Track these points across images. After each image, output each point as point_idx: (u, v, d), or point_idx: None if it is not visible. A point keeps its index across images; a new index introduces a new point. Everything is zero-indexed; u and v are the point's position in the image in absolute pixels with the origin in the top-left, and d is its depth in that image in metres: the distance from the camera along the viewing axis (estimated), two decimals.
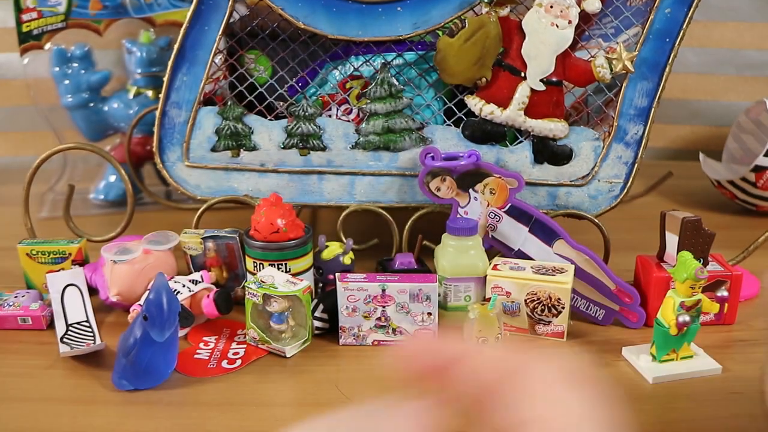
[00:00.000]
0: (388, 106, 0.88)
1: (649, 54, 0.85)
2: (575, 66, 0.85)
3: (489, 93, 0.87)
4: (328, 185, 0.92)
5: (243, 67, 0.92)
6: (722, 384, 0.70)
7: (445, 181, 0.86)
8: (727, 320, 0.81)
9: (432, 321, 0.76)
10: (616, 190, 0.91)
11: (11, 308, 0.81)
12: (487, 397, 0.36)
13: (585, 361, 0.38)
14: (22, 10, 1.08)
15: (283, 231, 0.80)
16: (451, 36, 0.84)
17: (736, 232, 1.03)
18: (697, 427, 0.64)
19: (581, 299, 0.82)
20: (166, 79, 0.88)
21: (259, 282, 0.76)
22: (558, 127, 0.87)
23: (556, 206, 0.91)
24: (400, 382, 0.39)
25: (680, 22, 0.83)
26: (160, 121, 0.90)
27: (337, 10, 0.84)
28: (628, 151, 0.89)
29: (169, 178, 0.92)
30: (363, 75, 0.92)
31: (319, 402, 0.67)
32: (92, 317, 0.81)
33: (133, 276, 0.80)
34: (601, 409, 0.35)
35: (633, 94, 0.87)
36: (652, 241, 0.84)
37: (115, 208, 1.20)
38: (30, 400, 0.68)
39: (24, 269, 0.87)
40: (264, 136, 0.90)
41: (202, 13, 0.85)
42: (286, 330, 0.76)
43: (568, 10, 0.82)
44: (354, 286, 0.75)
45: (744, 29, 1.49)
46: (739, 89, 1.52)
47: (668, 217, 0.81)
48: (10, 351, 0.76)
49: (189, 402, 0.67)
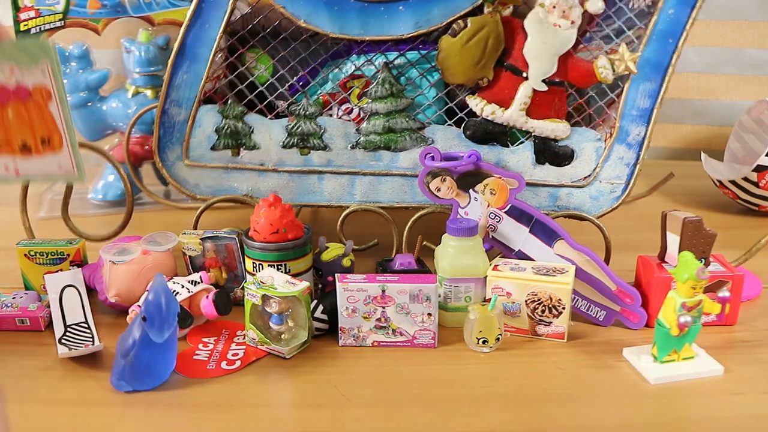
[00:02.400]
0: (389, 106, 0.87)
1: (651, 55, 0.84)
2: (577, 66, 0.85)
3: (491, 93, 0.87)
4: (328, 185, 0.91)
5: (244, 66, 0.92)
6: (724, 385, 0.70)
7: (445, 181, 0.85)
8: (729, 321, 0.81)
9: (432, 322, 0.76)
10: (617, 191, 0.90)
11: (9, 309, 0.80)
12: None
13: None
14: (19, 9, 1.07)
15: (282, 232, 0.79)
16: (453, 36, 0.84)
17: (738, 232, 1.03)
18: (698, 428, 0.64)
19: (582, 300, 0.81)
20: (166, 77, 0.87)
21: (258, 283, 0.75)
22: (560, 128, 0.87)
23: (558, 207, 0.91)
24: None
25: (683, 22, 0.83)
26: (160, 120, 0.90)
27: (338, 9, 0.84)
28: (629, 152, 0.89)
29: (169, 178, 0.92)
30: (364, 74, 0.92)
31: (318, 403, 0.67)
32: (91, 318, 0.81)
33: (132, 277, 0.80)
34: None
35: (635, 95, 0.86)
36: (653, 241, 0.84)
37: (114, 208, 1.20)
38: (28, 401, 0.67)
39: (22, 270, 0.87)
40: (264, 135, 0.90)
41: (203, 10, 0.85)
42: (285, 331, 0.76)
43: (571, 11, 0.81)
44: (354, 287, 0.75)
45: (746, 28, 1.48)
46: (740, 88, 1.51)
47: (669, 218, 0.81)
48: (8, 352, 0.76)
49: (188, 403, 0.67)
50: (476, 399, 0.67)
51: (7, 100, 0.67)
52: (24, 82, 0.66)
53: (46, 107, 0.68)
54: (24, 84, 0.66)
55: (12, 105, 0.67)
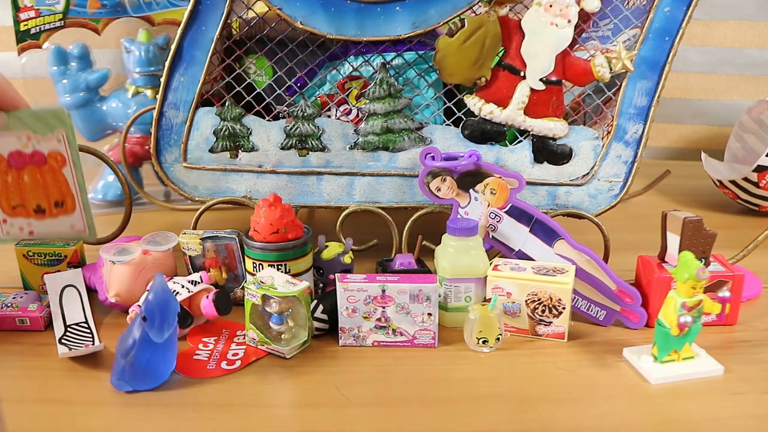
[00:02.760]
0: (387, 106, 0.87)
1: (648, 53, 0.84)
2: (575, 65, 0.85)
3: (488, 92, 0.87)
4: (327, 186, 0.91)
5: (241, 68, 0.92)
6: (724, 385, 0.70)
7: (445, 181, 0.85)
8: (729, 321, 0.81)
9: (432, 322, 0.76)
10: (615, 189, 0.90)
11: (9, 309, 0.80)
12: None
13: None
14: (19, 9, 1.07)
15: (282, 231, 0.79)
16: (450, 36, 0.84)
17: (738, 232, 1.02)
18: (698, 428, 0.63)
19: (582, 300, 0.81)
20: (164, 80, 0.87)
21: (258, 283, 0.75)
22: (558, 127, 0.87)
23: (556, 206, 0.91)
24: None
25: (680, 20, 0.83)
26: (158, 122, 0.90)
27: (335, 10, 0.84)
28: (627, 150, 0.89)
29: (167, 180, 0.92)
30: (362, 75, 0.92)
31: (318, 403, 0.67)
32: (91, 318, 0.81)
33: (132, 277, 0.80)
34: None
35: (632, 93, 0.86)
36: (653, 241, 0.84)
37: (114, 208, 1.20)
38: (28, 401, 0.67)
39: (21, 270, 0.87)
40: (263, 137, 0.90)
41: (200, 13, 0.85)
42: (285, 331, 0.76)
43: (568, 9, 0.81)
44: (354, 287, 0.75)
45: (746, 28, 1.48)
46: (741, 88, 1.51)
47: (669, 217, 0.81)
48: (8, 352, 0.76)
49: (188, 403, 0.67)
50: (476, 399, 0.67)
51: (23, 165, 0.71)
52: (40, 149, 0.70)
53: (60, 172, 0.71)
54: (40, 150, 0.70)
55: (28, 170, 0.71)
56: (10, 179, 0.70)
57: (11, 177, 0.71)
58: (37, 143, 0.69)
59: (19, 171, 0.71)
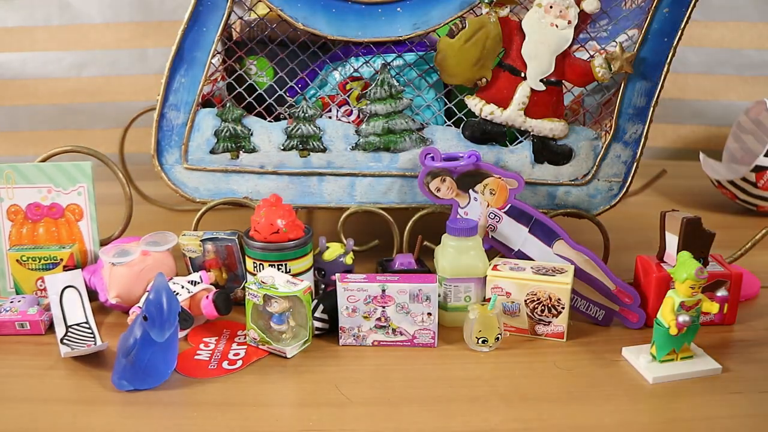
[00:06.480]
0: (388, 107, 0.88)
1: (647, 54, 0.85)
2: (575, 66, 0.85)
3: (489, 93, 0.87)
4: (328, 186, 0.92)
5: (242, 69, 0.92)
6: (722, 384, 0.70)
7: (445, 181, 0.85)
8: (727, 320, 0.81)
9: (432, 321, 0.76)
10: (615, 189, 0.91)
11: (8, 314, 0.79)
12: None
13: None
14: None
15: (283, 231, 0.80)
16: (451, 37, 0.84)
17: (737, 232, 1.03)
18: (696, 427, 0.64)
19: (581, 299, 0.82)
20: (164, 81, 0.87)
21: (259, 283, 0.76)
22: (558, 127, 0.87)
23: (556, 205, 0.91)
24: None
25: (679, 21, 0.83)
26: (158, 124, 0.90)
27: (336, 11, 0.84)
28: (627, 151, 0.89)
29: (168, 181, 0.92)
30: (363, 76, 0.92)
31: (319, 402, 0.67)
32: (92, 318, 0.81)
33: (132, 278, 0.80)
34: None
35: (632, 93, 0.87)
36: (652, 241, 0.84)
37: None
38: (30, 400, 0.68)
39: (14, 276, 0.85)
40: (264, 138, 0.90)
41: (201, 14, 0.85)
42: (286, 330, 0.76)
43: (568, 11, 0.82)
44: (354, 287, 0.75)
45: (744, 29, 1.49)
46: (739, 89, 1.52)
47: (668, 217, 0.81)
48: (9, 351, 0.76)
49: (189, 402, 0.67)
50: (476, 398, 0.68)
51: (40, 218, 0.71)
52: (58, 201, 0.70)
53: (76, 224, 0.71)
54: (58, 203, 0.70)
55: (44, 222, 0.71)
56: (24, 231, 0.70)
57: (26, 229, 0.71)
58: (57, 196, 0.69)
59: (35, 224, 0.71)
